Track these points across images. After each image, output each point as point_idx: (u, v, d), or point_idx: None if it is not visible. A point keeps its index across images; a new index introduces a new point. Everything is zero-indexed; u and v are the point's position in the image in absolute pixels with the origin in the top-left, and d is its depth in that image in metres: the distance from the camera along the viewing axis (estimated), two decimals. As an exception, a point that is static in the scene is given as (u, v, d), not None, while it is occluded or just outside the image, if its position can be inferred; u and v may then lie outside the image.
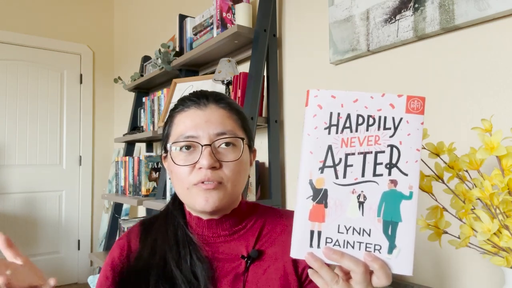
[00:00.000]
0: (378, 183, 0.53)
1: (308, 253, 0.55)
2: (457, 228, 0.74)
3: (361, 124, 0.54)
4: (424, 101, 0.55)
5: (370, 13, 1.27)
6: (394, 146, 0.53)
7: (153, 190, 2.16)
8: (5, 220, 3.05)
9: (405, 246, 0.52)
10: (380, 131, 0.54)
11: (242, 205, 0.78)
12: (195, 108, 0.72)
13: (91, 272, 3.36)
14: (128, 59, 3.37)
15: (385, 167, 0.53)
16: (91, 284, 1.35)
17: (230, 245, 0.75)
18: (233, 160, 0.70)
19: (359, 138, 0.54)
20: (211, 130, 0.70)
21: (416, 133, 0.53)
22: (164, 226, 0.77)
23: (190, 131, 0.70)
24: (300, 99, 1.61)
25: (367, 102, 0.54)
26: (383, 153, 0.54)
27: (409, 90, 1.20)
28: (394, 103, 0.54)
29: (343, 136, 0.54)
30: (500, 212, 0.68)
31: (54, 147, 3.29)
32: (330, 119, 0.55)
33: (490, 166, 0.85)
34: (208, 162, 0.67)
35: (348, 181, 0.54)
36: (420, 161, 0.53)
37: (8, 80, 3.12)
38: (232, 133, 0.71)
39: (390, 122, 0.54)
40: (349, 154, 0.54)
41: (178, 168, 0.70)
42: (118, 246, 0.79)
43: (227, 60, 1.71)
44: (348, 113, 0.55)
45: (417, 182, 0.53)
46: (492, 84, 1.01)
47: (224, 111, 0.73)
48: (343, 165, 0.54)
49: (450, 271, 1.09)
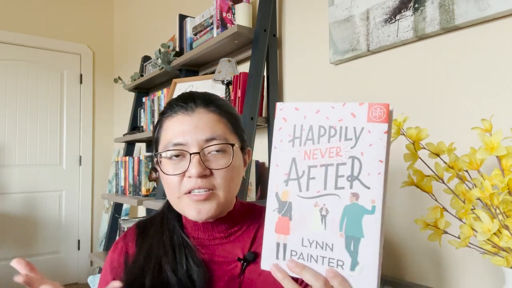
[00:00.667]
0: (340, 196, 0.51)
1: (273, 265, 0.54)
2: (457, 228, 0.74)
3: (322, 135, 0.53)
4: (387, 108, 0.50)
5: (370, 13, 1.27)
6: (356, 157, 0.51)
7: (153, 190, 2.16)
8: (5, 220, 3.05)
9: (368, 263, 0.49)
10: (341, 142, 0.52)
11: (237, 207, 0.77)
12: (182, 114, 0.70)
13: (91, 272, 3.36)
14: (128, 59, 3.37)
15: (346, 179, 0.51)
16: (91, 284, 1.35)
17: (226, 247, 0.74)
18: (224, 167, 0.68)
19: (321, 150, 0.53)
20: (199, 136, 0.68)
21: (378, 143, 0.50)
22: (159, 230, 0.76)
23: (178, 138, 0.68)
24: (300, 99, 1.61)
25: (328, 113, 0.53)
26: (344, 165, 0.51)
27: (409, 90, 1.20)
28: (355, 112, 0.51)
29: (306, 149, 0.53)
30: (500, 212, 0.68)
31: (54, 147, 3.29)
32: (294, 131, 0.54)
33: (490, 166, 0.85)
34: (197, 171, 0.65)
35: (311, 194, 0.53)
36: (385, 173, 0.50)
37: (8, 80, 3.12)
38: (222, 137, 0.69)
39: (351, 132, 0.51)
40: (312, 166, 0.53)
41: (168, 177, 0.69)
42: (116, 248, 0.78)
43: (227, 60, 1.71)
44: (310, 125, 0.53)
45: (380, 196, 0.49)
46: (492, 84, 1.01)
47: (213, 115, 0.70)
48: (306, 178, 0.53)
49: (450, 271, 1.09)
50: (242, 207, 0.79)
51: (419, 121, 1.16)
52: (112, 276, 0.75)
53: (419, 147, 0.79)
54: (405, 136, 0.79)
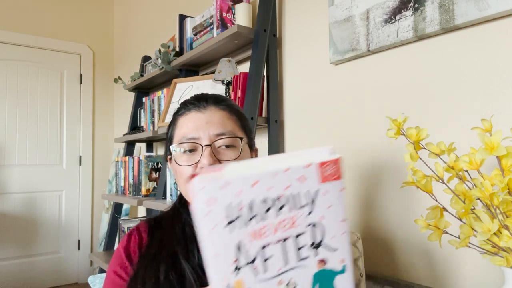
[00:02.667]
0: (306, 266, 0.46)
1: None
2: (457, 228, 0.74)
3: (269, 209, 0.45)
4: (339, 163, 0.45)
5: (370, 13, 1.27)
6: (315, 223, 0.46)
7: (153, 190, 2.16)
8: (5, 220, 3.05)
9: None
10: (294, 212, 0.46)
11: None
12: (195, 111, 0.75)
13: (91, 272, 3.36)
14: (128, 59, 3.37)
15: (309, 248, 0.46)
16: (91, 284, 1.35)
17: None
18: (233, 159, 0.72)
19: (271, 225, 0.45)
20: (211, 131, 0.72)
21: (337, 202, 0.46)
22: (171, 223, 0.80)
23: (191, 133, 0.73)
24: (300, 99, 1.61)
25: (269, 182, 0.44)
26: (304, 235, 0.46)
27: (409, 90, 1.20)
28: (304, 175, 0.45)
29: (252, 228, 0.45)
30: (500, 212, 0.68)
31: (54, 147, 3.29)
32: (228, 213, 0.44)
33: (490, 166, 0.85)
34: (208, 161, 0.70)
35: (272, 274, 0.46)
36: (348, 231, 0.47)
37: (8, 80, 3.12)
38: (232, 133, 0.74)
39: (304, 198, 0.45)
40: (265, 245, 0.45)
41: (182, 168, 0.73)
42: (129, 238, 0.80)
43: (227, 60, 1.71)
44: (250, 201, 0.44)
45: (349, 254, 0.46)
46: (492, 84, 1.01)
47: (224, 112, 0.76)
48: (260, 260, 0.45)
49: (450, 271, 1.09)
50: None
51: (419, 121, 1.16)
52: (128, 262, 0.77)
53: (419, 147, 0.79)
54: (405, 136, 0.79)
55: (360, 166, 1.34)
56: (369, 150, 1.31)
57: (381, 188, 1.27)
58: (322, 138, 1.50)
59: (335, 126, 1.45)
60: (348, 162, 1.39)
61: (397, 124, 0.78)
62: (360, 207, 1.34)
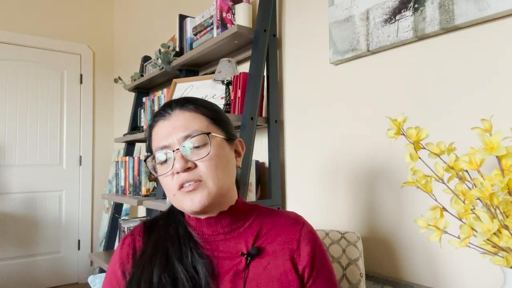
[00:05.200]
0: None
1: None
2: (457, 228, 0.74)
3: None
4: None
5: (370, 13, 1.27)
6: None
7: (153, 190, 2.16)
8: (5, 220, 3.05)
9: None
10: None
11: (240, 204, 0.80)
12: (162, 120, 0.76)
13: (91, 272, 3.36)
14: (128, 59, 3.37)
15: None
16: (91, 284, 1.35)
17: (230, 243, 0.76)
18: (204, 156, 0.72)
19: None
20: (178, 135, 0.73)
21: None
22: (166, 223, 0.80)
23: (162, 142, 0.74)
24: (300, 99, 1.61)
25: None
26: None
27: (409, 90, 1.20)
28: None
29: None
30: (500, 212, 0.68)
31: (54, 147, 3.29)
32: None
33: (490, 166, 0.85)
34: (180, 165, 0.71)
35: None
36: None
37: (8, 80, 3.12)
38: (198, 132, 0.73)
39: None
40: None
41: (162, 178, 0.75)
42: (123, 244, 0.81)
43: (227, 60, 1.71)
44: None
45: None
46: (492, 84, 1.01)
47: (188, 113, 0.76)
48: None
49: (450, 271, 1.09)
50: (245, 205, 0.81)
51: (419, 121, 1.16)
52: (121, 269, 0.77)
53: (419, 147, 0.79)
54: (405, 136, 0.79)
55: (360, 166, 1.34)
56: (369, 150, 1.31)
57: (381, 188, 1.27)
58: (322, 138, 1.50)
59: (335, 126, 1.45)
60: (348, 162, 1.39)
61: (397, 124, 0.78)
62: (360, 207, 1.34)
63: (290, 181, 1.65)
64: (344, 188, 1.40)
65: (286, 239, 0.77)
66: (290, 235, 0.77)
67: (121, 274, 0.77)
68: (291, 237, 0.77)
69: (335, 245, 1.15)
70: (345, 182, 1.40)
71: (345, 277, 1.10)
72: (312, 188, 1.54)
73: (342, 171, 1.41)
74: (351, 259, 1.12)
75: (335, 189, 1.44)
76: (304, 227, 0.80)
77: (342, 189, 1.41)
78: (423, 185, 0.77)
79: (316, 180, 1.52)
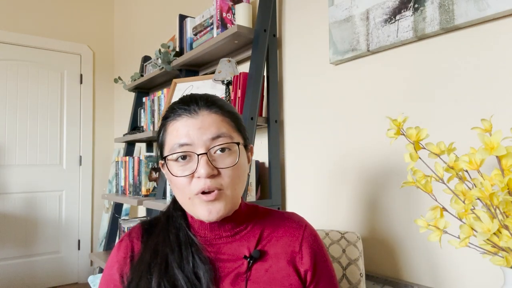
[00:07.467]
0: None
1: None
2: (457, 228, 0.74)
3: None
4: None
5: (370, 13, 1.27)
6: None
7: (153, 190, 2.16)
8: (5, 220, 3.05)
9: None
10: None
11: (242, 207, 0.79)
12: (186, 117, 0.71)
13: (91, 272, 3.36)
14: (128, 59, 3.37)
15: None
16: (91, 284, 1.35)
17: (232, 246, 0.75)
18: (231, 165, 0.69)
19: None
20: (205, 136, 0.69)
21: None
22: (165, 228, 0.77)
23: (184, 139, 0.69)
24: (300, 99, 1.61)
25: None
26: None
27: (409, 90, 1.20)
28: None
29: None
30: (500, 212, 0.68)
31: (54, 147, 3.29)
32: None
33: (490, 166, 0.85)
34: (206, 171, 0.67)
35: None
36: None
37: (8, 80, 3.12)
38: (227, 135, 0.70)
39: None
40: None
41: (177, 178, 0.70)
42: (120, 246, 0.78)
43: (227, 60, 1.71)
44: None
45: None
46: (492, 84, 1.01)
47: (216, 116, 0.72)
48: None
49: (449, 271, 1.09)
50: (247, 208, 0.80)
51: (419, 121, 1.16)
52: (119, 273, 0.75)
53: (419, 147, 0.78)
54: (405, 136, 0.79)
55: (360, 166, 1.34)
56: (368, 150, 1.31)
57: (381, 188, 1.27)
58: (322, 138, 1.50)
59: (335, 126, 1.45)
60: (348, 162, 1.39)
61: (397, 124, 0.78)
62: (360, 207, 1.34)
63: (290, 181, 1.65)
64: (344, 188, 1.40)
65: (288, 242, 0.76)
66: (292, 238, 0.77)
67: (119, 277, 0.74)
68: (293, 240, 0.76)
69: (335, 245, 1.15)
70: (345, 182, 1.40)
71: (345, 277, 1.10)
72: (312, 188, 1.54)
73: (342, 171, 1.41)
74: (351, 259, 1.12)
75: (335, 189, 1.44)
76: (306, 229, 0.79)
77: (342, 189, 1.41)
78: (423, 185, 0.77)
79: (316, 180, 1.52)
